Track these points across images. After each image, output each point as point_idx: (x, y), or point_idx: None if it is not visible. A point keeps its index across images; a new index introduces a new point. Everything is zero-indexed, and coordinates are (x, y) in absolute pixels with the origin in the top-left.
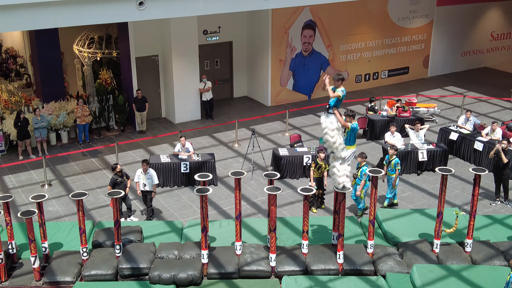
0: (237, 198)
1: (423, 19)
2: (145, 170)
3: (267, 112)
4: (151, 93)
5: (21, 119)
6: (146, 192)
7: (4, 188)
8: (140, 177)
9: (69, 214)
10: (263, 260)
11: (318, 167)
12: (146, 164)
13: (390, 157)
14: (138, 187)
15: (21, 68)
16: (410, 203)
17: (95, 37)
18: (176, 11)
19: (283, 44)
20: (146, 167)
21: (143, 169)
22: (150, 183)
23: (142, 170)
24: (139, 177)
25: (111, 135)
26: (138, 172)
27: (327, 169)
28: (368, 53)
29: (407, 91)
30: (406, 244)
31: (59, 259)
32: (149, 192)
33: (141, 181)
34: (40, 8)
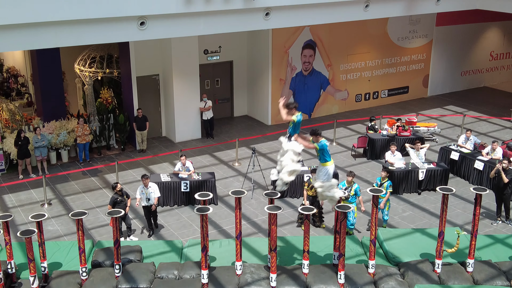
0: (237, 217)
1: (423, 39)
2: (146, 184)
3: (267, 131)
4: (151, 112)
5: (21, 138)
6: (148, 207)
7: (4, 207)
8: (142, 193)
9: (69, 233)
10: (264, 280)
11: (311, 186)
12: (146, 178)
13: (382, 179)
14: (138, 201)
15: (22, 87)
16: (411, 223)
17: (96, 56)
18: (177, 31)
19: (283, 64)
20: (147, 182)
21: (144, 184)
22: (152, 196)
23: (143, 186)
24: (141, 192)
25: (111, 154)
26: (140, 188)
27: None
28: (368, 73)
29: (407, 110)
30: (408, 264)
31: (58, 279)
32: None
33: (144, 196)
34: (42, 28)
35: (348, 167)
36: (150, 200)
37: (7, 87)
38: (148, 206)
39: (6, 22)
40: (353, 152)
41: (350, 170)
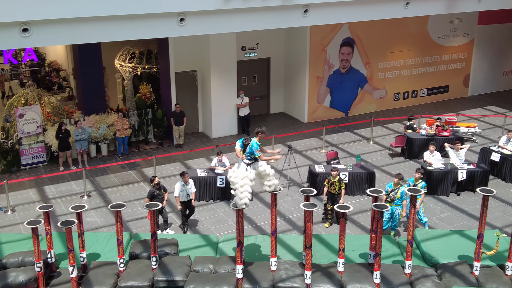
0: (273, 213)
1: (464, 38)
2: (186, 181)
3: (303, 129)
4: (189, 107)
5: (62, 131)
6: (188, 203)
7: (45, 198)
8: (182, 190)
9: (107, 225)
10: (298, 277)
11: (331, 183)
12: (186, 175)
13: (416, 180)
14: (179, 201)
15: (63, 81)
16: (449, 224)
17: (136, 52)
18: (216, 27)
19: (321, 61)
20: (187, 178)
21: (184, 181)
22: (191, 192)
23: (183, 182)
24: (181, 189)
25: (149, 148)
26: (178, 185)
27: (344, 188)
28: (407, 71)
29: (447, 110)
30: (445, 265)
31: (96, 269)
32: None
33: (184, 193)
34: (83, 23)
35: (385, 166)
36: (189, 196)
37: (49, 81)
38: (188, 201)
39: (49, 17)
40: (390, 151)
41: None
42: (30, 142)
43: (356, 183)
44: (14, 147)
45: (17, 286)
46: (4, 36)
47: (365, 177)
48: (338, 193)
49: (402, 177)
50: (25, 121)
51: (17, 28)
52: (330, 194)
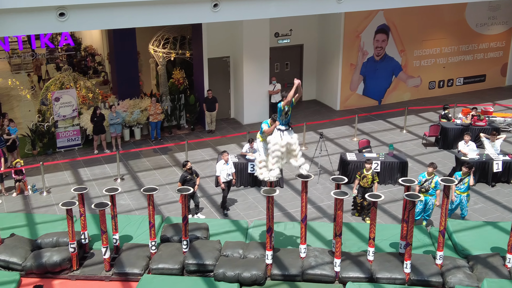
0: (303, 200)
1: (502, 26)
2: (226, 160)
3: (335, 116)
4: (221, 93)
5: (97, 114)
6: (229, 182)
7: (79, 180)
8: (223, 169)
9: (140, 208)
10: (328, 264)
11: (363, 176)
12: (226, 154)
13: (463, 174)
14: (221, 181)
15: (99, 66)
16: (483, 215)
17: (170, 37)
18: (249, 13)
19: (354, 48)
20: (227, 158)
21: (225, 160)
22: (231, 171)
23: (224, 161)
24: (222, 169)
25: (181, 133)
26: (220, 164)
27: (377, 181)
28: (443, 59)
29: (483, 100)
30: (477, 257)
31: (128, 251)
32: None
33: (224, 172)
34: (119, 8)
35: (418, 155)
36: (230, 176)
37: (85, 65)
38: (229, 181)
39: (85, 1)
40: (424, 141)
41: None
42: (65, 125)
43: (388, 172)
44: (50, 130)
45: (51, 266)
46: (41, 21)
47: (398, 166)
48: (370, 187)
49: (436, 167)
50: (61, 105)
51: (53, 12)
52: (361, 187)
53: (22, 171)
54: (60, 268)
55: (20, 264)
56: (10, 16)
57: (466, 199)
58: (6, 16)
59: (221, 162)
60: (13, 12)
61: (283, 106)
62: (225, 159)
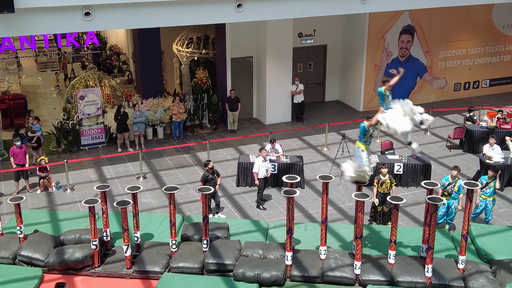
0: (324, 202)
1: None
2: (264, 157)
3: (358, 117)
4: (243, 93)
5: (121, 113)
6: (266, 178)
7: (102, 178)
8: (262, 166)
9: (161, 206)
10: (348, 267)
11: (382, 182)
12: (264, 150)
13: (489, 178)
14: (257, 177)
15: (123, 65)
16: (507, 220)
17: (193, 37)
18: (273, 13)
19: (379, 49)
20: (264, 154)
21: (263, 156)
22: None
23: (262, 158)
24: (261, 166)
25: (204, 132)
26: (259, 161)
27: (395, 184)
28: (469, 61)
29: (509, 102)
30: (500, 262)
31: (149, 249)
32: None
33: (263, 168)
34: (144, 8)
35: (442, 158)
36: (267, 172)
37: (110, 64)
38: (266, 177)
39: (110, 1)
40: (448, 143)
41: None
42: (90, 123)
43: (411, 174)
44: (75, 127)
45: (73, 262)
46: (66, 20)
47: (421, 169)
48: (389, 193)
49: (460, 170)
50: (86, 103)
51: (79, 11)
52: (379, 194)
53: (47, 168)
54: (82, 264)
55: (43, 260)
56: (36, 15)
57: (492, 204)
58: (32, 15)
59: (260, 159)
60: (39, 11)
61: (384, 90)
62: (263, 155)
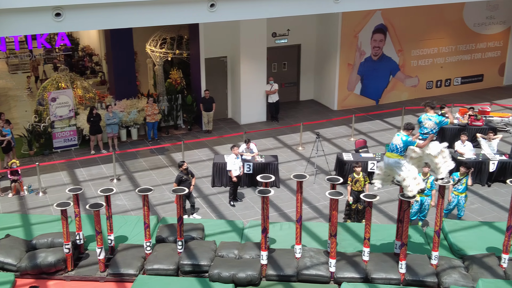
0: (298, 201)
1: (500, 26)
2: (237, 154)
3: (333, 116)
4: (218, 93)
5: (94, 114)
6: (239, 176)
7: (75, 180)
8: (235, 163)
9: (135, 208)
10: (323, 265)
11: (355, 180)
12: (236, 148)
13: (461, 175)
14: (232, 174)
15: (96, 66)
16: (479, 215)
17: (167, 37)
18: (246, 13)
19: (352, 48)
20: (237, 151)
21: (235, 154)
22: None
23: (235, 155)
24: (234, 163)
25: (178, 133)
26: (232, 158)
27: (368, 182)
28: (441, 59)
29: (481, 99)
30: (473, 257)
31: (123, 252)
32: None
33: (236, 165)
34: (116, 8)
35: None
36: (240, 169)
37: (82, 66)
38: (239, 174)
39: (81, 1)
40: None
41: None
42: (62, 125)
43: None
44: (47, 130)
45: (46, 266)
46: (37, 21)
47: None
48: (363, 190)
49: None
50: (58, 105)
51: (50, 12)
52: (354, 192)
53: (18, 171)
54: (55, 268)
55: (15, 265)
56: (6, 16)
57: (464, 200)
58: (2, 16)
59: (232, 156)
60: (9, 12)
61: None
62: (236, 153)
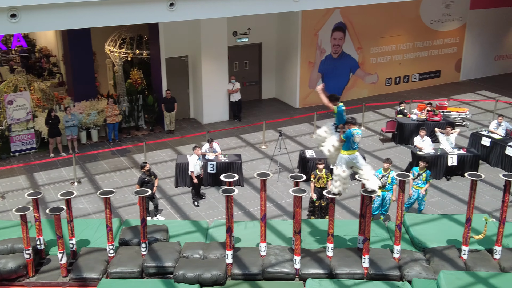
0: (262, 199)
1: (456, 22)
2: (199, 154)
3: (295, 114)
4: (180, 93)
5: (52, 117)
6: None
7: (35, 184)
8: (196, 164)
9: (97, 211)
10: (288, 262)
11: (318, 177)
12: (198, 149)
13: (421, 169)
14: (194, 175)
15: (54, 67)
16: (439, 209)
17: (126, 37)
18: (207, 12)
19: (312, 46)
20: (198, 152)
21: (197, 154)
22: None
23: (197, 156)
24: (196, 164)
25: (140, 134)
26: (194, 159)
27: (331, 179)
28: (399, 56)
29: (438, 95)
30: (434, 250)
31: (86, 256)
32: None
33: (198, 167)
34: (74, 8)
35: (376, 151)
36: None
37: (39, 67)
38: (201, 175)
39: (37, 2)
40: (381, 137)
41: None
42: (20, 128)
43: None
44: (4, 133)
45: (6, 273)
46: None
47: None
48: (325, 187)
49: (392, 162)
50: (15, 108)
51: (5, 13)
52: (317, 189)
53: None
54: (15, 275)
55: None
56: None
57: (424, 194)
58: None
59: (194, 157)
60: None
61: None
62: (198, 153)
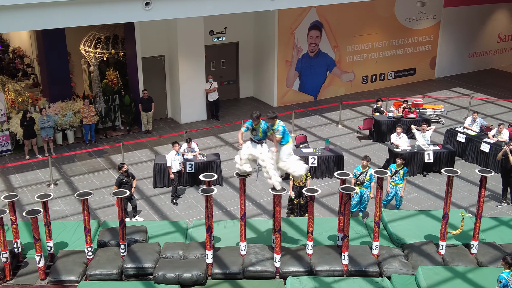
0: (242, 198)
1: (430, 20)
2: (177, 150)
3: None
4: (157, 93)
5: (27, 118)
6: (180, 172)
7: (10, 187)
8: (174, 159)
9: (75, 213)
10: (268, 260)
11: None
12: (177, 144)
13: (398, 166)
14: (171, 171)
15: (28, 68)
16: (416, 205)
17: (101, 37)
18: (183, 11)
19: (289, 45)
20: (178, 148)
21: (176, 150)
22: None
23: (175, 152)
24: (173, 159)
25: (117, 135)
26: (171, 155)
27: (310, 177)
28: (375, 54)
29: (414, 92)
30: (412, 245)
31: (64, 259)
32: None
33: (176, 162)
34: (47, 8)
35: (354, 149)
36: (180, 166)
37: (13, 68)
38: (180, 171)
39: (13, 2)
40: (358, 134)
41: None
42: None
43: (325, 166)
44: None
45: None
46: None
47: (334, 160)
48: (304, 185)
49: (370, 160)
50: None
51: None
52: (296, 187)
53: None
54: None
55: None
56: None
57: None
58: None
59: (172, 153)
60: None
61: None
62: (176, 149)
